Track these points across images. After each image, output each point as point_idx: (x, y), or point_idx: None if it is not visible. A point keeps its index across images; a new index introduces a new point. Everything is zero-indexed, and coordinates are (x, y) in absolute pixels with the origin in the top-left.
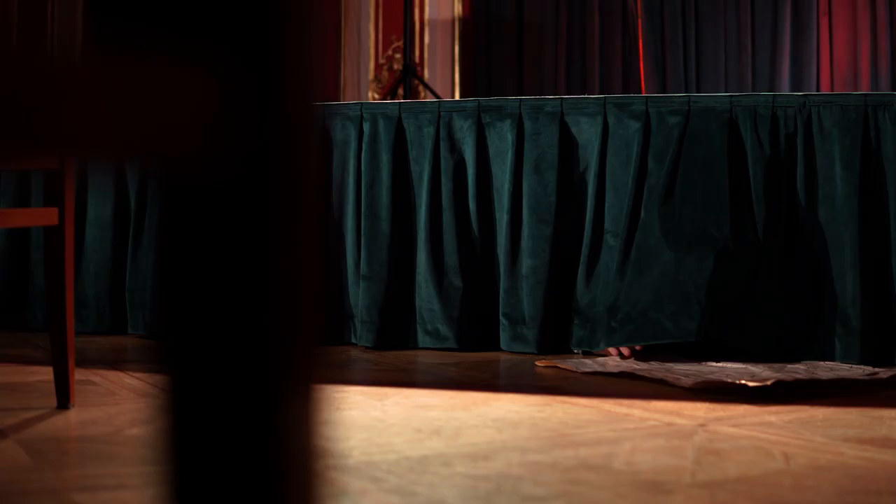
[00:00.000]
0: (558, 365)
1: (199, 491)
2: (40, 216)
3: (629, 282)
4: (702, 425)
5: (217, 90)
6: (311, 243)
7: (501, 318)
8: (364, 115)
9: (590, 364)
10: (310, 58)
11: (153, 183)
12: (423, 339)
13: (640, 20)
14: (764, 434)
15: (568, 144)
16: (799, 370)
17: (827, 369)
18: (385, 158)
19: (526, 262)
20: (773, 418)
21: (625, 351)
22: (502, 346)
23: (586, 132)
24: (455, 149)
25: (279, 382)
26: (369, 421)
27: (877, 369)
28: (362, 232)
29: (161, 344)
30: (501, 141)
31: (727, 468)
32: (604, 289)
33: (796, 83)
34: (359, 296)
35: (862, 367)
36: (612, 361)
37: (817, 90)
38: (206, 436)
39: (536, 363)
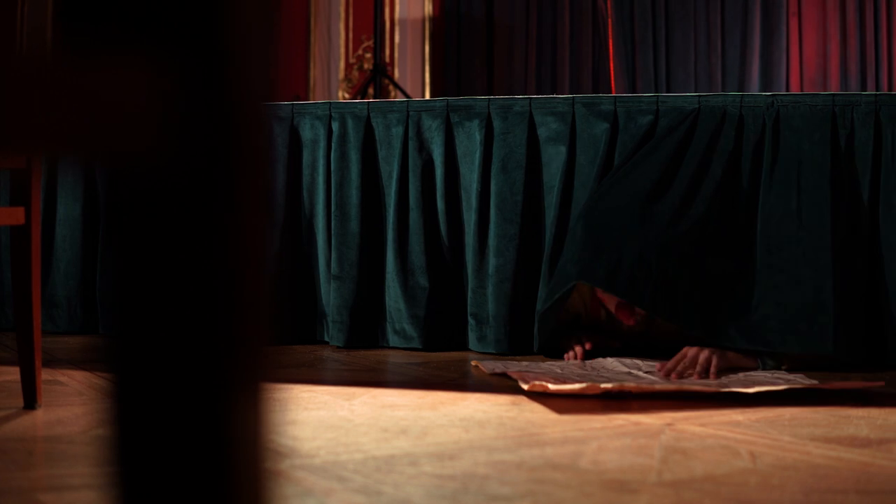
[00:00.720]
0: (479, 366)
1: (146, 492)
2: (6, 215)
3: None
4: (668, 424)
5: (166, 90)
6: (260, 243)
7: (469, 318)
8: (333, 114)
9: (500, 366)
10: (261, 58)
11: (103, 182)
12: (392, 338)
13: (610, 20)
14: (731, 433)
15: (536, 144)
16: (732, 380)
17: (756, 380)
18: (354, 158)
19: (491, 262)
20: (740, 417)
21: (578, 350)
22: (470, 346)
23: (555, 132)
24: (424, 148)
25: (227, 382)
26: (337, 420)
27: (790, 384)
28: (332, 231)
29: (108, 342)
30: (470, 140)
31: (693, 467)
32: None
33: (766, 83)
34: (330, 295)
35: (791, 376)
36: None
37: (787, 90)
38: (153, 435)
39: (471, 363)
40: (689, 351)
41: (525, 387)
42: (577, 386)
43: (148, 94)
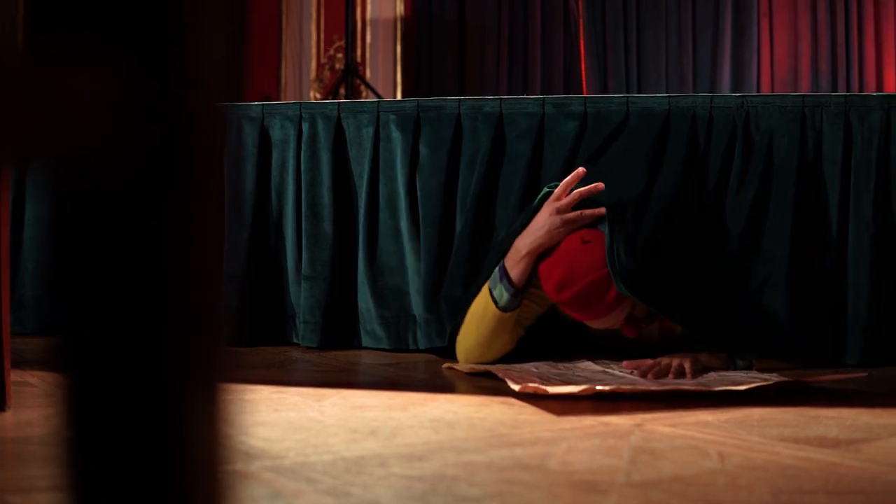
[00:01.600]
0: (453, 366)
1: (101, 493)
2: None
3: None
4: (638, 425)
5: (121, 93)
6: (214, 242)
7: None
8: (303, 114)
9: (480, 365)
10: (219, 61)
11: (54, 183)
12: (364, 339)
13: (581, 21)
14: (700, 433)
15: (504, 144)
16: (710, 379)
17: (734, 379)
18: (325, 158)
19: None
20: (709, 418)
21: None
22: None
23: (524, 132)
24: (394, 148)
25: (182, 383)
26: (306, 422)
27: (779, 378)
28: (303, 232)
29: (59, 343)
30: (439, 141)
31: (662, 468)
32: None
33: (737, 84)
34: (300, 296)
35: (767, 375)
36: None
37: (757, 91)
38: (106, 437)
39: (443, 365)
40: (664, 359)
41: (516, 388)
42: (574, 388)
43: (105, 97)
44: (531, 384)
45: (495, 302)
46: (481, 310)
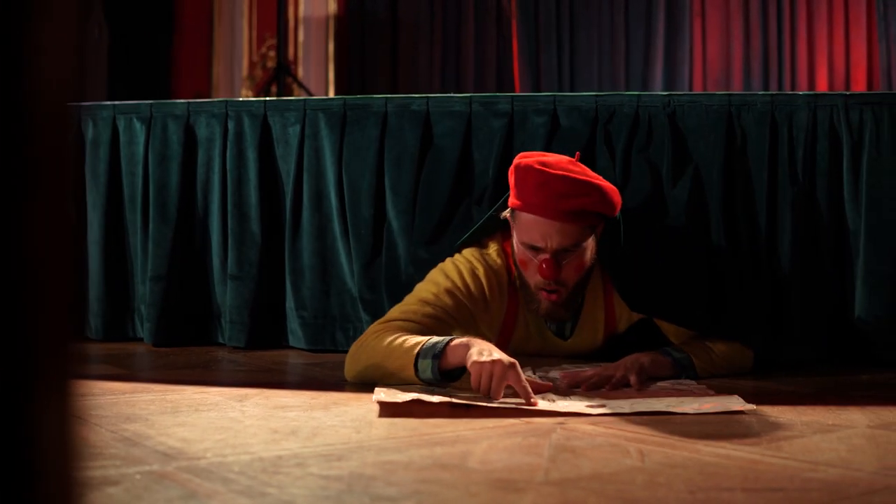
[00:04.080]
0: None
1: None
2: None
3: None
4: (560, 423)
5: None
6: (60, 241)
7: (364, 314)
8: (229, 112)
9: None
10: (62, 62)
11: None
12: (290, 338)
13: (514, 20)
14: (621, 431)
15: (433, 143)
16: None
17: (682, 400)
18: (252, 157)
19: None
20: (632, 416)
21: None
22: None
23: (452, 131)
24: (320, 147)
25: (28, 381)
26: (227, 422)
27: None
28: (230, 231)
29: None
30: (365, 139)
31: (581, 466)
32: None
33: (669, 83)
34: (227, 295)
35: (725, 399)
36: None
37: (690, 90)
38: None
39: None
40: (605, 370)
41: (374, 398)
42: (432, 398)
43: None
44: (388, 395)
45: (416, 370)
46: (390, 356)
